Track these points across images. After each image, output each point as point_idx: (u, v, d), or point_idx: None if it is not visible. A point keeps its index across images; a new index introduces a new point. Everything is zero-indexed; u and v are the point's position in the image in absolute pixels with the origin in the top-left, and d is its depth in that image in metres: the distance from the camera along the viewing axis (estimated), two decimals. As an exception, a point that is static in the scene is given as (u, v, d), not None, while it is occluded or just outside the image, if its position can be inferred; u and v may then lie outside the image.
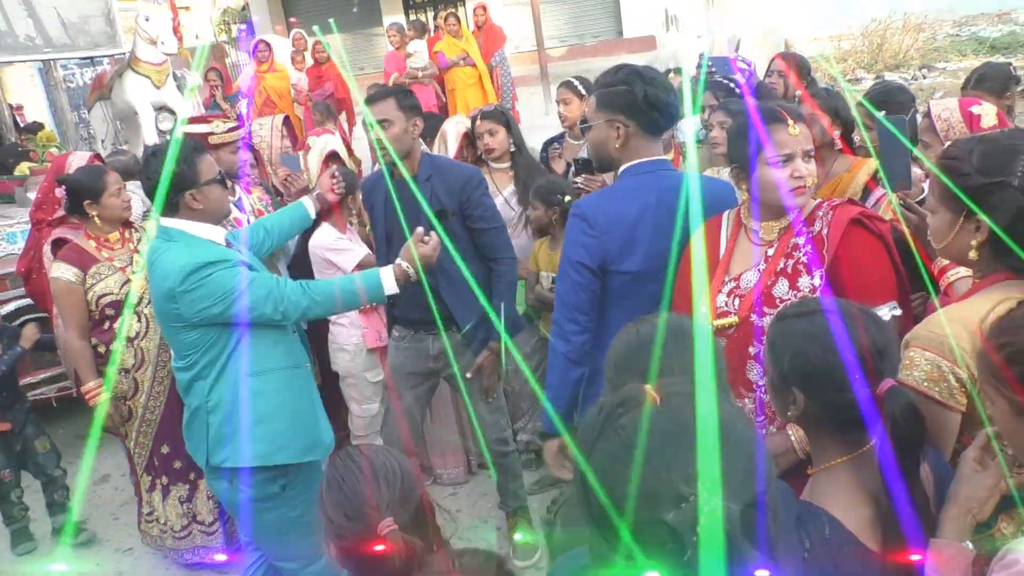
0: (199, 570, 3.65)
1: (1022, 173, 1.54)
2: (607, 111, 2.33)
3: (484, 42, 9.41)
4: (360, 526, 1.46)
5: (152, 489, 3.57)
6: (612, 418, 0.97)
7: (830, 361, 1.38)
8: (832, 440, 1.44)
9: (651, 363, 1.33)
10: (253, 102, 9.10)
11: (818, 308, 1.47)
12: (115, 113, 6.19)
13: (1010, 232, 1.54)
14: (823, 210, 2.05)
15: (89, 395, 3.44)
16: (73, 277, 3.39)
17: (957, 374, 1.53)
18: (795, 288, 2.01)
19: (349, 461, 1.55)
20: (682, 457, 0.90)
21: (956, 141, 1.74)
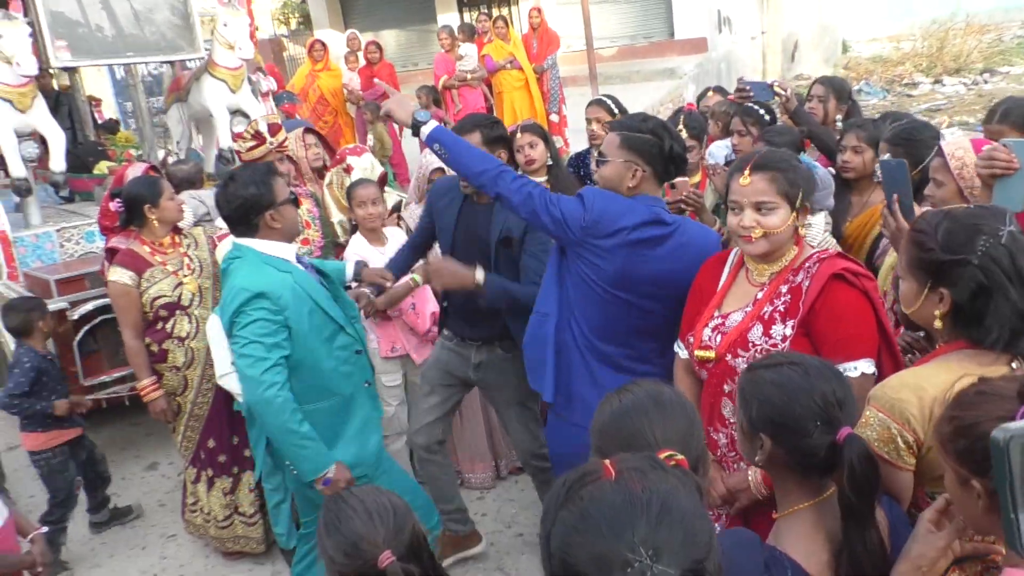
0: (238, 559, 3.87)
1: (982, 252, 1.61)
2: (629, 153, 2.56)
3: (539, 45, 9.50)
4: (360, 562, 1.60)
5: (197, 480, 3.79)
6: (574, 489, 1.10)
7: (793, 409, 1.50)
8: (796, 485, 1.55)
9: (632, 431, 1.45)
10: (305, 101, 9.33)
11: (784, 360, 1.58)
12: (191, 115, 6.34)
13: (970, 306, 1.63)
14: (812, 261, 2.13)
15: (144, 391, 3.68)
16: (129, 280, 3.62)
17: (905, 437, 1.62)
18: (767, 335, 2.11)
19: (342, 503, 1.69)
20: (629, 526, 1.03)
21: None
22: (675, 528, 1.03)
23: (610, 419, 1.52)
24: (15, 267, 5.04)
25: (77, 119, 7.25)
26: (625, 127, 2.63)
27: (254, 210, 2.68)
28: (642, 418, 1.48)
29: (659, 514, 1.04)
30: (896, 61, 16.25)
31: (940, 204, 2.64)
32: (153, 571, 3.92)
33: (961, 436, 1.33)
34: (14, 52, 4.87)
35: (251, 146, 3.94)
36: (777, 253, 2.18)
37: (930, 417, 1.58)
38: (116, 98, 10.92)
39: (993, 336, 1.62)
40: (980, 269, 1.61)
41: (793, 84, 15.45)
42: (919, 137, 3.03)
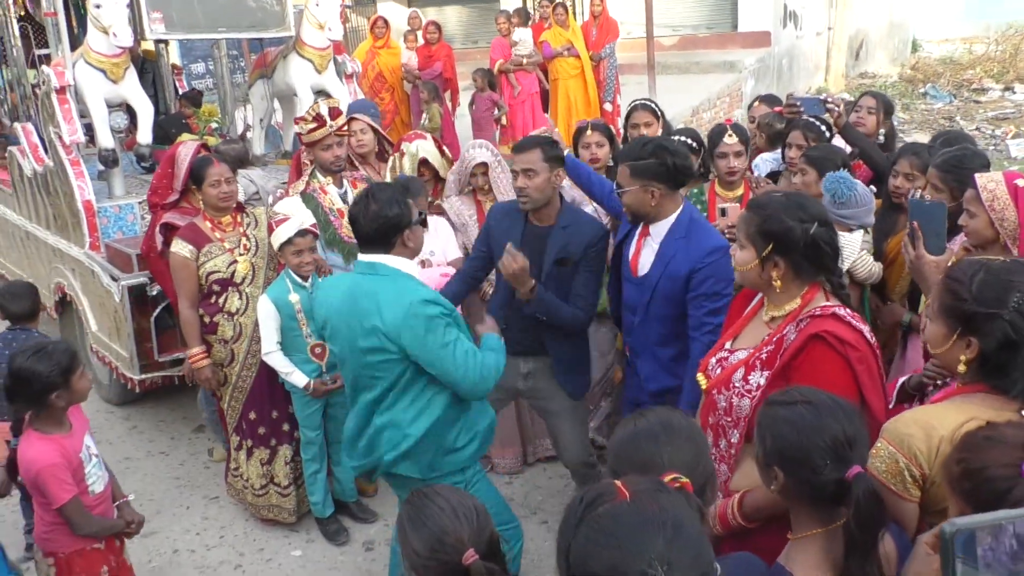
0: (274, 526, 4.06)
1: (1014, 308, 1.68)
2: (641, 179, 2.90)
3: (598, 33, 9.47)
4: (445, 557, 1.66)
5: (239, 448, 3.98)
6: (591, 508, 1.21)
7: (804, 447, 1.58)
8: (808, 513, 1.63)
9: (644, 455, 1.55)
10: (364, 78, 9.44)
11: (800, 399, 1.66)
12: (274, 92, 6.34)
13: (996, 356, 1.70)
14: (806, 316, 2.09)
15: (193, 359, 3.87)
16: (188, 253, 3.79)
17: (912, 471, 1.70)
18: (746, 380, 2.13)
19: (427, 500, 1.75)
20: (647, 543, 1.14)
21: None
22: (686, 546, 1.15)
23: (624, 443, 1.62)
24: (97, 237, 5.05)
25: (160, 88, 7.40)
26: (630, 156, 2.93)
27: (394, 230, 2.68)
28: (652, 443, 1.57)
29: (673, 533, 1.15)
30: (967, 64, 15.81)
31: (973, 234, 2.67)
32: (195, 531, 4.13)
33: (967, 478, 1.42)
34: (111, 22, 4.91)
35: (311, 128, 4.04)
36: (780, 298, 2.18)
37: (937, 454, 1.66)
38: (184, 65, 11.12)
39: (1018, 387, 1.69)
40: (1010, 324, 1.67)
41: (857, 82, 15.17)
42: (969, 166, 3.00)
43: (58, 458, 2.76)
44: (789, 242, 2.10)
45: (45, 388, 2.71)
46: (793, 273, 2.13)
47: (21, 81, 6.70)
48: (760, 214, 2.15)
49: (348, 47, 12.47)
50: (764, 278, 2.16)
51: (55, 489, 2.75)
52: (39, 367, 2.70)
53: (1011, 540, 0.92)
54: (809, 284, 2.15)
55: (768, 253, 2.12)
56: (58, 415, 2.81)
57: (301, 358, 3.71)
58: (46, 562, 2.89)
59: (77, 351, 2.90)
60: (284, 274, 3.70)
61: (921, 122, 12.29)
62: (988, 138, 11.32)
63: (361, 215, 2.69)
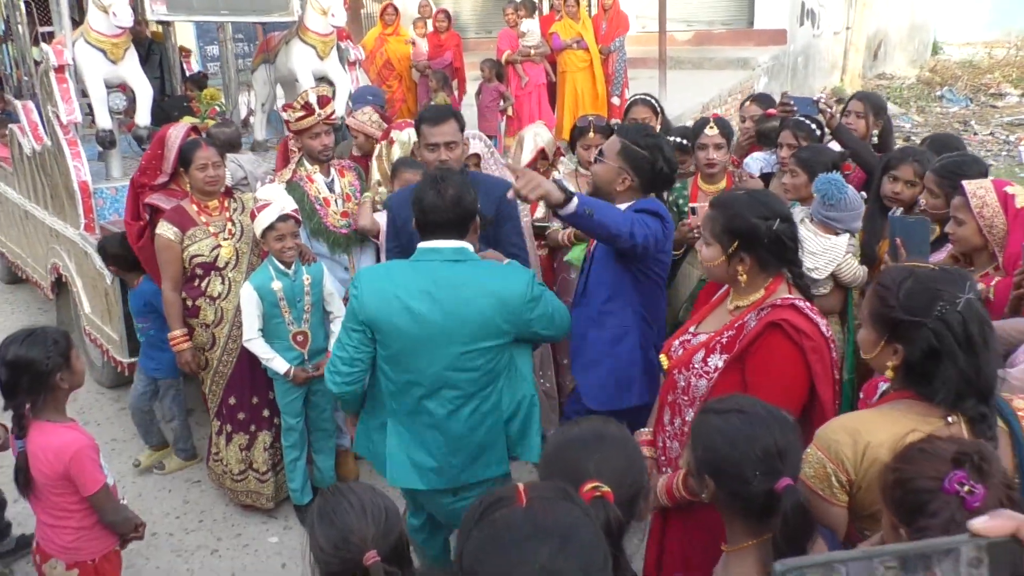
0: (254, 512, 4.06)
1: (937, 316, 1.65)
2: (624, 161, 2.86)
3: (608, 26, 9.40)
4: (347, 555, 1.65)
5: (219, 433, 3.98)
6: (488, 512, 1.19)
7: (735, 458, 1.56)
8: (742, 524, 1.62)
9: (572, 462, 1.52)
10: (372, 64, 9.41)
11: (734, 407, 1.64)
12: (277, 77, 6.33)
13: (920, 364, 1.69)
14: (767, 306, 2.16)
15: (174, 341, 3.87)
16: (173, 236, 3.78)
17: (839, 476, 1.70)
18: (705, 362, 2.21)
19: (340, 496, 1.74)
20: (533, 552, 1.11)
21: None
22: (573, 556, 1.12)
23: (554, 450, 1.60)
24: (92, 219, 5.04)
25: (167, 69, 7.39)
26: (629, 136, 2.88)
27: (471, 215, 2.64)
28: (581, 452, 1.54)
29: (560, 543, 1.12)
30: (986, 69, 15.61)
31: (961, 242, 2.69)
32: (175, 514, 4.14)
33: (896, 487, 1.41)
34: (112, 2, 4.90)
35: (300, 116, 4.02)
36: (745, 289, 2.24)
37: (863, 459, 1.67)
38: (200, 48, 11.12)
39: (940, 396, 1.68)
40: (933, 332, 1.66)
41: (874, 83, 15.01)
42: (967, 172, 2.97)
43: (89, 440, 2.69)
44: (754, 239, 2.17)
45: (49, 370, 2.61)
46: (758, 267, 2.21)
47: (25, 58, 6.71)
48: (725, 213, 2.20)
49: (361, 33, 12.49)
50: (730, 273, 2.24)
51: (93, 471, 2.65)
52: (36, 351, 2.60)
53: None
54: (772, 276, 2.23)
55: (734, 250, 2.20)
56: (62, 401, 2.71)
57: (283, 345, 3.70)
58: (69, 575, 2.77)
59: (68, 331, 2.84)
60: (267, 261, 3.68)
61: (935, 125, 12.14)
62: (1001, 143, 11.18)
63: (439, 201, 2.58)
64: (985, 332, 1.66)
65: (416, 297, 2.56)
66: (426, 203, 2.60)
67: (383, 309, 2.59)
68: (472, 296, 2.54)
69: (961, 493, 1.31)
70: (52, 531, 2.75)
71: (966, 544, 0.89)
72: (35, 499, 2.74)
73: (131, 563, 3.73)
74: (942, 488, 1.32)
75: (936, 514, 1.31)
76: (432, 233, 2.63)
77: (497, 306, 2.55)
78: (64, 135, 5.10)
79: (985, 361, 1.66)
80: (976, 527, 0.90)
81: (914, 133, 11.00)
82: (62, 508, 2.71)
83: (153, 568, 3.77)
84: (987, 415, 1.67)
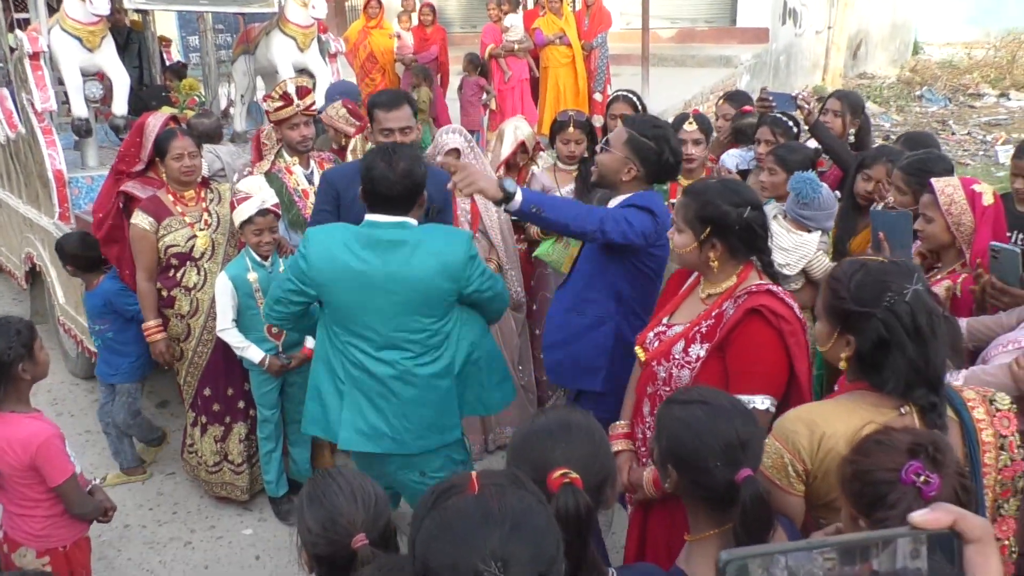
0: (228, 504, 4.05)
1: (885, 307, 1.69)
2: (630, 151, 2.82)
3: (591, 22, 9.40)
4: (335, 538, 1.66)
5: (195, 425, 3.96)
6: (441, 499, 1.20)
7: (697, 448, 1.58)
8: (704, 514, 1.64)
9: (538, 451, 1.53)
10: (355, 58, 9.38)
11: (697, 398, 1.66)
12: (257, 69, 6.30)
13: (870, 355, 1.72)
14: (743, 292, 2.19)
15: (148, 332, 3.84)
16: (148, 225, 3.75)
17: (795, 465, 1.73)
18: (686, 352, 2.24)
19: (330, 480, 1.74)
20: (482, 539, 1.12)
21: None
22: (524, 542, 1.13)
23: (521, 440, 1.60)
24: (67, 208, 5.02)
25: (146, 59, 7.33)
26: (636, 127, 2.85)
27: (419, 189, 2.69)
28: (547, 440, 1.55)
29: (511, 529, 1.13)
30: (965, 69, 15.76)
31: (930, 239, 2.72)
32: (148, 506, 4.11)
33: (855, 480, 1.43)
34: None
35: (278, 106, 3.99)
36: (716, 277, 2.28)
37: (819, 449, 1.70)
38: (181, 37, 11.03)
39: (889, 385, 1.71)
40: (882, 323, 1.69)
41: (855, 82, 15.11)
42: (933, 169, 3.02)
43: (55, 429, 2.67)
44: (725, 226, 2.20)
45: (10, 361, 2.59)
46: (729, 254, 2.24)
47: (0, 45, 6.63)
48: (697, 200, 2.23)
49: (345, 26, 12.43)
50: (702, 259, 2.26)
51: (60, 462, 2.64)
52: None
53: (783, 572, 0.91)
54: (743, 263, 2.27)
55: (706, 236, 2.22)
56: (25, 392, 2.69)
57: (258, 337, 3.68)
58: (39, 563, 2.73)
59: (33, 323, 2.81)
60: (244, 252, 3.67)
61: (914, 124, 12.24)
62: (979, 143, 11.30)
63: (389, 173, 2.61)
64: (933, 322, 1.69)
65: (359, 257, 2.63)
66: (376, 174, 2.63)
67: (328, 267, 2.67)
68: (413, 256, 2.62)
69: (917, 483, 1.33)
70: (20, 520, 2.72)
71: (905, 536, 0.90)
72: (1, 490, 2.72)
73: (103, 554, 3.71)
74: (900, 479, 1.34)
75: (895, 505, 1.32)
76: (379, 205, 2.66)
77: (438, 266, 2.63)
78: (39, 123, 5.06)
79: (934, 351, 1.69)
80: (916, 520, 0.91)
81: (893, 132, 11.08)
82: (29, 498, 2.69)
83: (125, 560, 3.74)
84: (937, 404, 1.70)
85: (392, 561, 1.65)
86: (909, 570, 0.89)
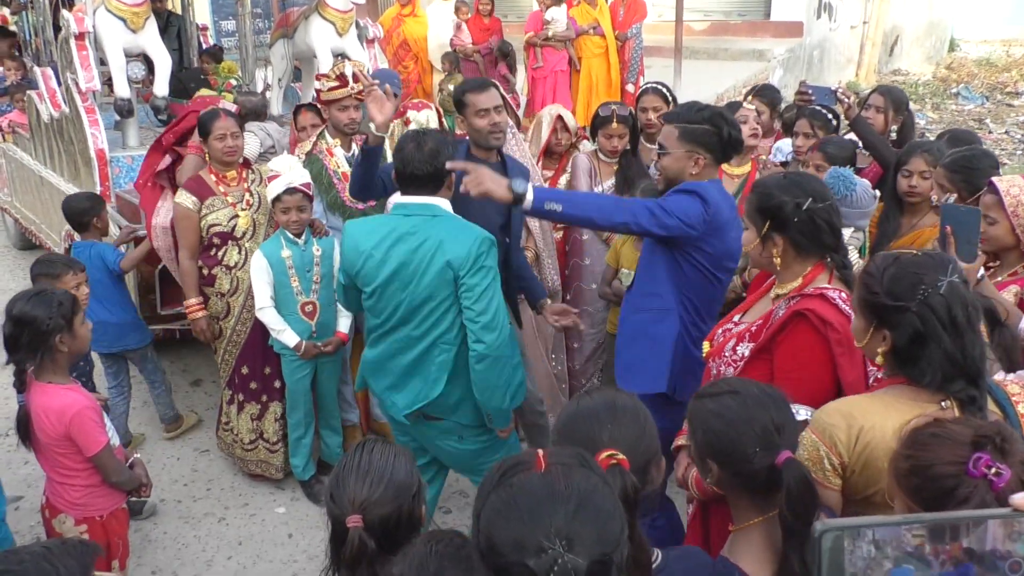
0: (261, 482, 4.11)
1: (920, 300, 1.68)
2: (689, 144, 2.73)
3: (625, 13, 9.33)
4: (336, 512, 1.66)
5: (231, 403, 4.02)
6: (507, 476, 1.21)
7: (734, 437, 1.58)
8: (748, 502, 1.63)
9: (585, 432, 1.54)
10: (388, 45, 9.38)
11: (726, 389, 1.66)
12: (295, 53, 6.31)
13: (907, 349, 1.71)
14: (797, 295, 2.15)
15: (190, 309, 3.91)
16: (191, 205, 3.81)
17: (831, 459, 1.72)
18: (734, 351, 2.22)
19: (359, 453, 1.71)
20: (548, 516, 1.13)
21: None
22: (589, 522, 1.14)
23: (567, 421, 1.62)
24: (108, 187, 5.09)
25: (185, 42, 7.41)
26: (683, 119, 2.76)
27: (443, 171, 2.77)
28: (594, 422, 1.56)
29: (576, 508, 1.14)
30: (1003, 67, 15.50)
31: (993, 241, 2.63)
32: (183, 482, 4.18)
33: (915, 475, 1.40)
34: None
35: (332, 86, 4.00)
36: (785, 277, 2.23)
37: (856, 442, 1.69)
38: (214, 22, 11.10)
39: (927, 378, 1.70)
40: (918, 316, 1.69)
41: (889, 79, 14.91)
42: (978, 166, 2.98)
43: (90, 401, 2.72)
44: (782, 218, 2.15)
45: (49, 331, 2.63)
46: (793, 251, 2.18)
47: (45, 26, 6.72)
48: (757, 193, 2.21)
49: (378, 13, 12.46)
50: (765, 256, 2.22)
51: (94, 432, 2.68)
52: (39, 311, 2.63)
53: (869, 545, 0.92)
54: (812, 264, 2.19)
55: (766, 231, 2.18)
56: (63, 364, 2.73)
57: (292, 317, 3.72)
58: (77, 531, 2.79)
59: (77, 298, 2.86)
60: (279, 231, 3.71)
61: (950, 122, 12.06)
62: (1017, 142, 11.13)
63: (416, 154, 2.73)
64: (969, 314, 1.68)
65: (377, 247, 2.77)
66: (405, 155, 2.76)
67: (354, 257, 2.83)
68: (421, 247, 2.71)
69: (989, 476, 1.30)
70: (61, 487, 2.79)
71: (1000, 518, 0.90)
72: (42, 457, 2.80)
73: (139, 527, 3.79)
74: (967, 472, 1.32)
75: (968, 499, 1.29)
76: (408, 186, 2.79)
77: (442, 262, 2.69)
78: (82, 102, 5.13)
79: (971, 342, 1.67)
80: (1018, 502, 0.91)
81: (928, 130, 10.94)
82: (68, 468, 2.76)
83: (161, 533, 3.82)
84: (976, 398, 1.68)
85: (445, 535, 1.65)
86: (1000, 552, 0.90)
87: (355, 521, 1.62)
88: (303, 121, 4.44)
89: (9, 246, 7.77)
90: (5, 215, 7.59)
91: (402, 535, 1.66)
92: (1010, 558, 0.90)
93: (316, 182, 3.85)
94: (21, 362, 2.71)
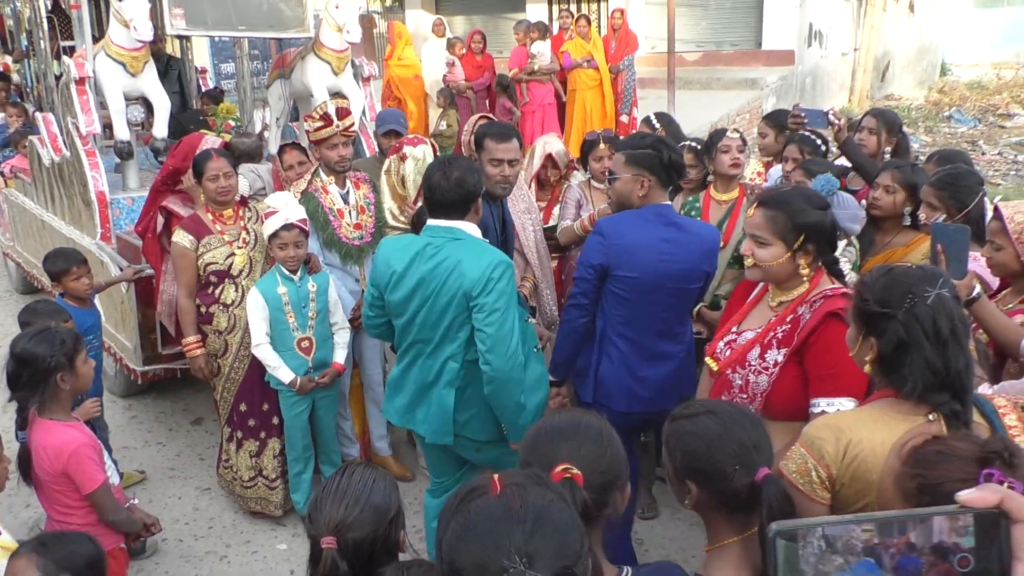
0: (262, 519, 4.10)
1: (906, 309, 1.71)
2: (634, 168, 2.99)
3: (617, 45, 9.51)
4: (312, 533, 1.69)
5: (230, 440, 4.03)
6: (464, 502, 1.23)
7: (712, 456, 1.59)
8: (724, 522, 1.63)
9: (546, 450, 1.57)
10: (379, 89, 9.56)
11: (702, 410, 1.67)
12: (292, 92, 6.39)
13: (891, 357, 1.74)
14: (818, 297, 2.23)
15: (188, 347, 3.93)
16: (188, 244, 3.85)
17: (819, 472, 1.74)
18: (762, 358, 2.27)
19: (339, 476, 1.75)
20: (506, 536, 1.15)
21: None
22: (547, 537, 1.16)
23: (532, 438, 1.64)
24: (109, 228, 5.14)
25: (185, 85, 7.53)
26: (628, 146, 3.05)
27: (472, 197, 2.86)
28: (556, 438, 1.59)
29: (533, 526, 1.16)
30: (994, 90, 15.66)
31: (998, 267, 2.63)
32: (184, 520, 4.17)
33: (925, 494, 1.41)
34: (132, 16, 5.00)
35: (319, 126, 4.06)
36: (788, 284, 2.31)
37: (844, 456, 1.71)
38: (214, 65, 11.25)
39: (908, 387, 1.72)
40: (902, 324, 1.71)
41: (882, 104, 15.06)
42: (963, 184, 3.03)
43: (89, 439, 2.73)
44: (820, 231, 2.27)
45: (50, 369, 2.64)
46: (815, 259, 2.30)
47: (47, 72, 6.83)
48: (786, 210, 2.27)
49: (375, 53, 12.65)
50: (792, 268, 2.30)
51: (91, 470, 2.68)
52: (41, 348, 2.64)
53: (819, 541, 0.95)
54: (816, 268, 2.31)
55: (800, 244, 2.26)
56: (65, 402, 2.73)
57: (288, 353, 3.75)
58: None
59: (79, 334, 2.89)
60: (275, 267, 3.75)
61: (943, 144, 12.16)
62: (1011, 163, 11.21)
63: (443, 181, 2.82)
64: (955, 326, 1.69)
65: (402, 266, 2.88)
66: (432, 182, 2.86)
67: (382, 274, 2.95)
68: (440, 266, 2.81)
69: None
70: (59, 526, 2.78)
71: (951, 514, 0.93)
72: (41, 495, 2.80)
73: (141, 566, 3.77)
74: None
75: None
76: (436, 212, 2.88)
77: (457, 281, 2.77)
78: (83, 146, 5.20)
79: (954, 355, 1.69)
80: (963, 498, 0.94)
81: (922, 153, 11.03)
82: (65, 505, 2.75)
83: (162, 573, 3.80)
84: (960, 412, 1.69)
85: (414, 564, 1.67)
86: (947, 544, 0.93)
87: (329, 543, 1.63)
88: (289, 160, 4.51)
89: (11, 290, 7.81)
90: (7, 259, 7.64)
91: (378, 560, 1.67)
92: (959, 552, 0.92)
93: (312, 219, 3.89)
94: (23, 399, 2.73)
